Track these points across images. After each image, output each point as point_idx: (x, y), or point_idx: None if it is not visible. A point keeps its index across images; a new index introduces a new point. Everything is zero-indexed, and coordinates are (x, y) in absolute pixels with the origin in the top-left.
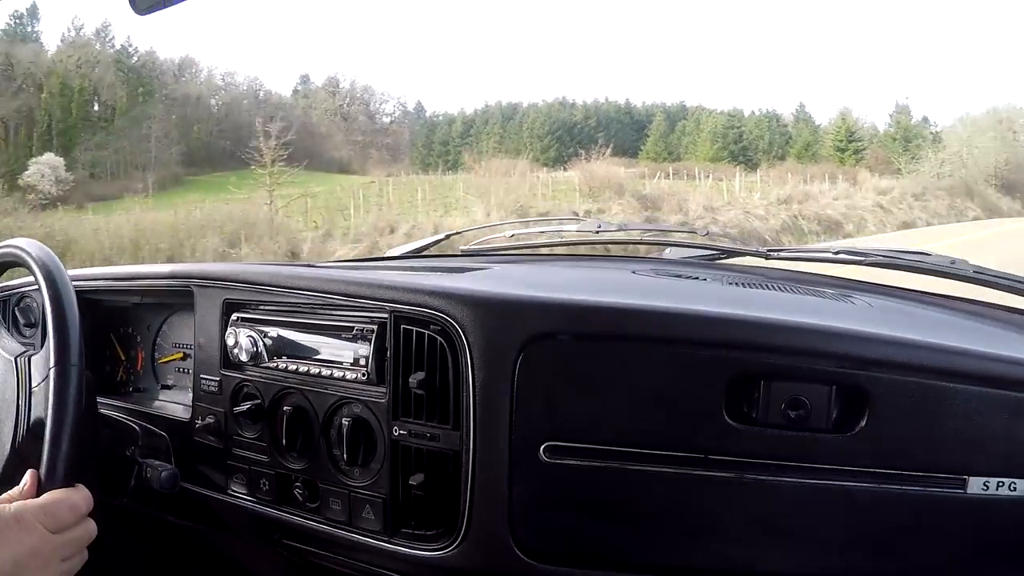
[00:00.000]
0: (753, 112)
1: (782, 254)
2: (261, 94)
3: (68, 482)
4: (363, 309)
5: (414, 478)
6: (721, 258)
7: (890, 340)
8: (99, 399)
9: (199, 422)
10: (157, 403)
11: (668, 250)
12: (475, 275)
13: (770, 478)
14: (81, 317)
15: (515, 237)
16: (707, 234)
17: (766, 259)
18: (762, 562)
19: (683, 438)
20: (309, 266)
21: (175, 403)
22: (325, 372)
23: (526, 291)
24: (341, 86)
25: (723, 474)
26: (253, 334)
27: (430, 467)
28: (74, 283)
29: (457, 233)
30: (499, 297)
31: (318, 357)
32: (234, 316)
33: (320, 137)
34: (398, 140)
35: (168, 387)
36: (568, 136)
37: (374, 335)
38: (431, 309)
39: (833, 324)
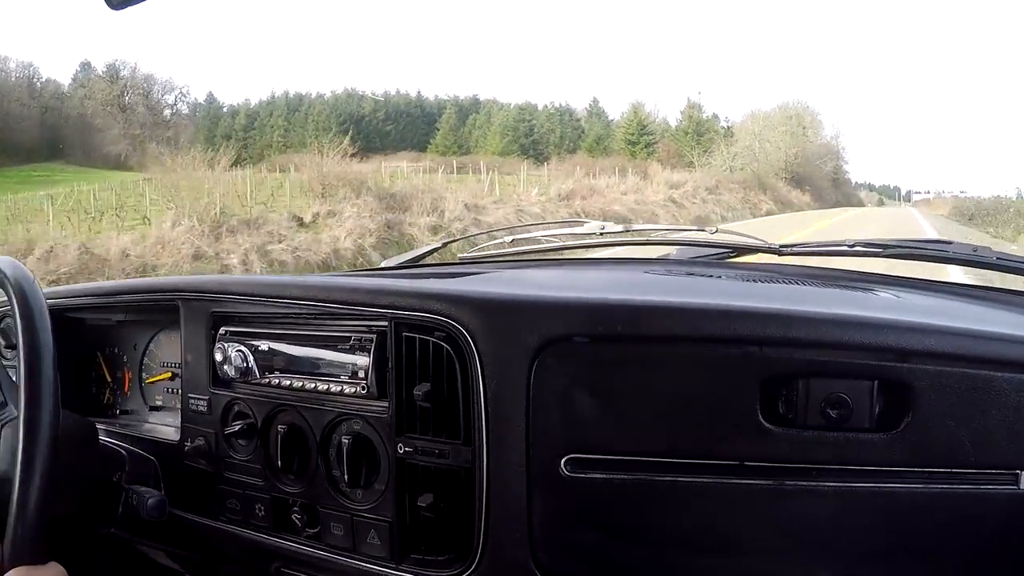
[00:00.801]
0: (546, 106)
1: (795, 249)
2: (39, 84)
3: (38, 558)
4: (361, 317)
5: (422, 499)
6: (732, 256)
7: (932, 329)
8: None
9: (188, 444)
10: (146, 425)
11: (675, 251)
12: (481, 278)
13: (811, 484)
14: (64, 337)
15: (516, 242)
16: (716, 232)
17: (779, 255)
18: None
19: (716, 444)
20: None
21: (165, 425)
22: (321, 387)
23: (538, 292)
24: (122, 74)
25: (760, 482)
26: (243, 348)
27: (440, 486)
28: (54, 300)
29: (454, 240)
30: (510, 299)
31: (313, 371)
32: (222, 330)
33: (95, 130)
34: (180, 133)
35: (157, 408)
36: (356, 129)
37: (373, 345)
38: (436, 314)
39: (871, 315)
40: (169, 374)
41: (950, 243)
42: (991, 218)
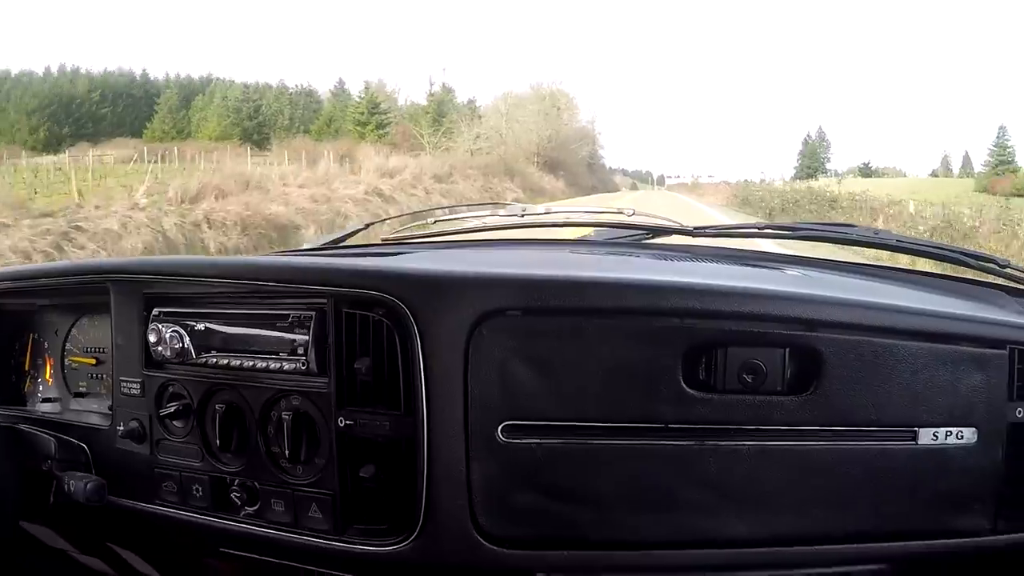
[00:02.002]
0: (285, 86)
1: (707, 231)
2: None
3: None
4: (299, 295)
5: (364, 470)
6: (648, 237)
7: (837, 301)
8: (5, 411)
9: (121, 428)
10: (71, 412)
11: (593, 232)
12: (415, 256)
13: (729, 443)
14: None
15: (439, 223)
16: (633, 214)
17: (692, 237)
18: (723, 530)
19: (642, 409)
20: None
21: (90, 411)
22: (260, 364)
23: (473, 269)
24: None
25: (683, 442)
26: (178, 329)
27: (381, 457)
28: None
29: (379, 222)
30: (446, 276)
31: (251, 349)
32: (155, 311)
33: None
34: None
35: (82, 395)
36: (64, 113)
37: (312, 322)
38: (376, 291)
39: (782, 288)
40: (93, 360)
41: (853, 226)
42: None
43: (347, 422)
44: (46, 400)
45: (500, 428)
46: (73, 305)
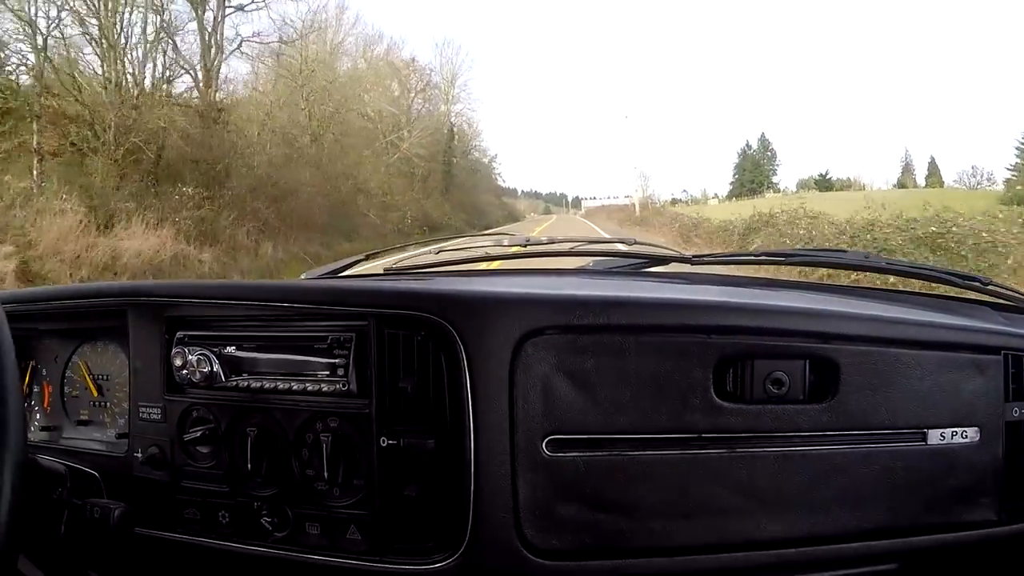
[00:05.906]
0: None
1: (705, 259)
2: None
3: None
4: (337, 317)
5: (409, 489)
6: (647, 266)
7: (849, 316)
8: None
9: (139, 455)
10: (71, 440)
11: (591, 263)
12: (442, 281)
13: (757, 450)
14: None
15: (443, 253)
16: (634, 244)
17: (692, 264)
18: (755, 531)
19: (677, 420)
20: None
21: (93, 440)
22: (296, 387)
23: (515, 289)
24: None
25: (715, 451)
26: (206, 352)
27: (424, 475)
28: None
29: (376, 253)
30: (490, 295)
31: (285, 372)
32: (179, 334)
33: None
34: None
35: (84, 423)
36: None
37: (353, 343)
38: (421, 312)
39: (802, 305)
40: (95, 388)
41: (844, 252)
42: None
43: (390, 442)
44: (44, 428)
45: (544, 442)
46: (75, 331)
